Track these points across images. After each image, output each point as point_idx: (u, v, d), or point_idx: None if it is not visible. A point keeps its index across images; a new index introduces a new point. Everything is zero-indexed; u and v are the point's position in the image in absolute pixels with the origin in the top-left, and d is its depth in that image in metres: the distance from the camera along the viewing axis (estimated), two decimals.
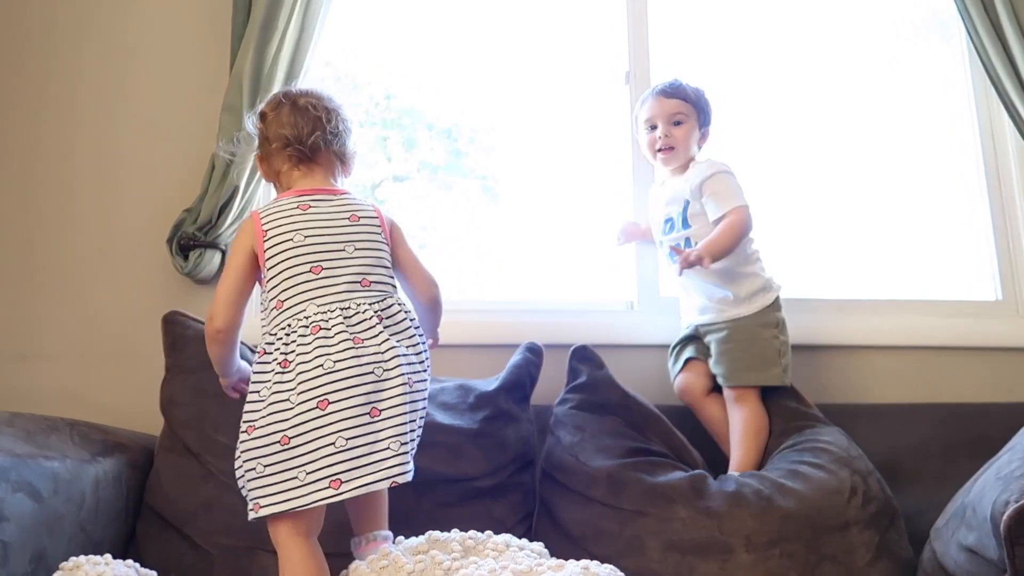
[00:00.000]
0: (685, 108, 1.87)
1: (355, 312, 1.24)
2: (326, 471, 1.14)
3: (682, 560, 1.40)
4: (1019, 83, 2.13)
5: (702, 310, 1.84)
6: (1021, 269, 2.22)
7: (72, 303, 2.01)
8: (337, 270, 1.27)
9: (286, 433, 1.16)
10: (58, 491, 1.26)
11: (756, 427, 1.70)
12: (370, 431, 1.17)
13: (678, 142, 1.86)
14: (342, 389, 1.17)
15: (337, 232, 1.30)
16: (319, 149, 1.37)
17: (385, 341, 1.23)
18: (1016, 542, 1.15)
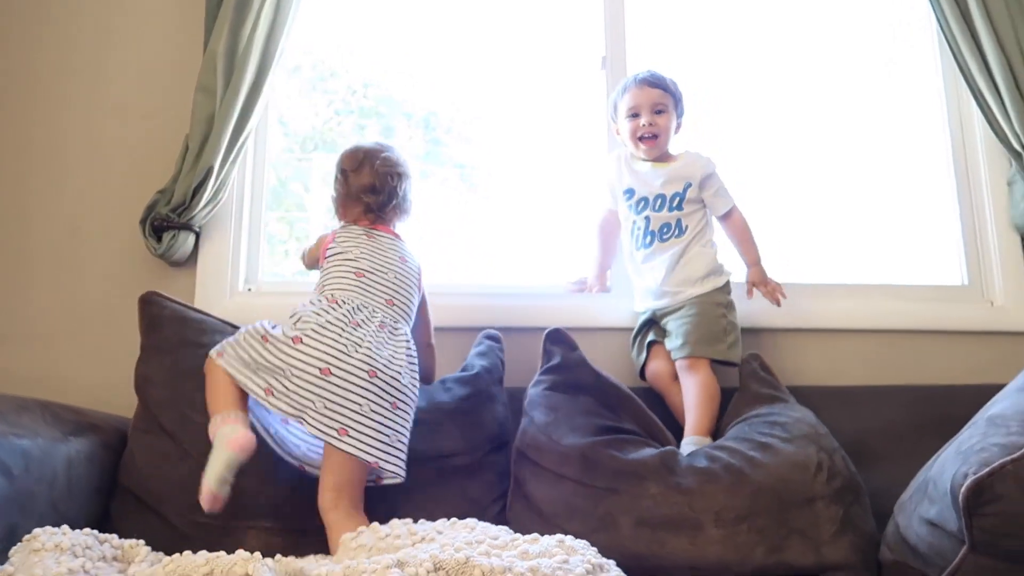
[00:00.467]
0: (666, 99, 1.96)
1: (368, 313, 1.51)
2: (269, 381, 1.40)
3: (653, 536, 1.42)
4: (988, 73, 2.17)
5: (658, 295, 1.91)
6: (987, 255, 2.27)
7: (45, 285, 2.00)
8: (376, 284, 1.56)
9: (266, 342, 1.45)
10: (29, 469, 1.26)
11: (710, 392, 1.77)
12: (313, 383, 1.39)
13: (661, 131, 1.94)
14: (317, 344, 1.42)
15: (388, 259, 1.61)
16: (388, 206, 1.66)
17: (375, 336, 1.48)
18: (974, 512, 1.18)
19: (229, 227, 2.06)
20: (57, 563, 1.06)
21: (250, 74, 1.98)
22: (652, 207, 1.93)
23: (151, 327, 1.65)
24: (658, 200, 1.93)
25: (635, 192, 1.96)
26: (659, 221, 1.92)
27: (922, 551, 1.33)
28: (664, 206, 1.93)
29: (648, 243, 1.92)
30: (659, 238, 1.92)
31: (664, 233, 1.91)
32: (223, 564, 1.04)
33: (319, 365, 1.40)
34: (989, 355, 2.14)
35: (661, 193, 1.93)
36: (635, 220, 1.95)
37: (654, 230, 1.92)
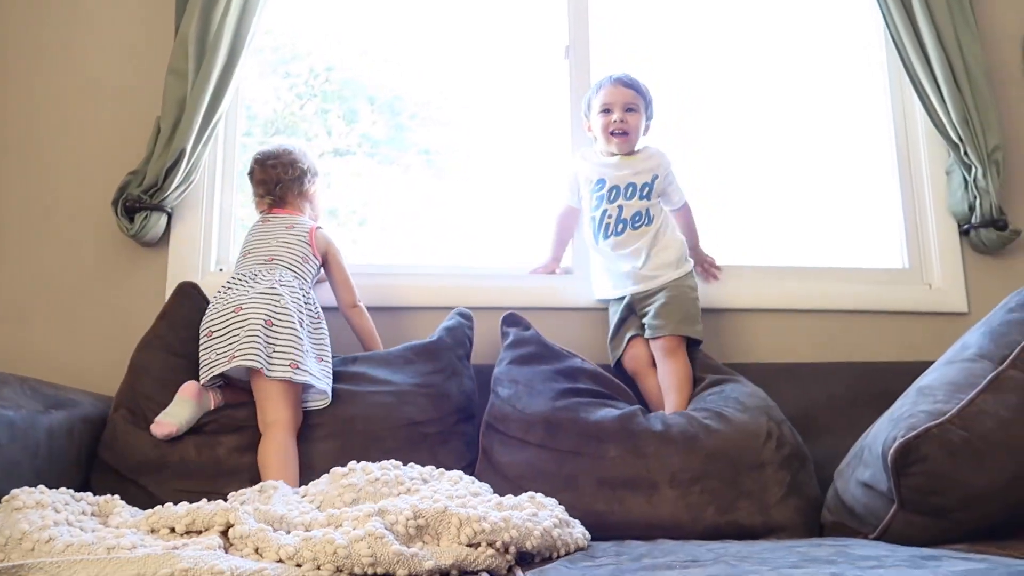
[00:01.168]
0: (638, 99, 2.07)
1: (243, 278, 1.75)
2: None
3: (613, 495, 1.52)
4: (929, 70, 2.30)
5: (636, 279, 1.99)
6: (926, 241, 2.40)
7: (17, 264, 2.01)
8: (255, 252, 1.82)
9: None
10: (15, 438, 1.30)
11: (687, 375, 1.89)
12: (207, 345, 1.67)
13: (632, 128, 2.05)
14: (207, 320, 1.70)
15: (271, 232, 1.85)
16: (276, 193, 1.91)
17: (245, 287, 1.72)
18: (902, 473, 1.30)
19: (200, 208, 2.08)
20: (41, 518, 1.09)
21: (221, 57, 2.00)
22: (624, 195, 2.02)
23: (174, 321, 1.74)
24: (629, 188, 2.03)
25: (606, 182, 2.04)
26: (631, 209, 2.01)
27: (858, 512, 1.44)
28: (635, 195, 2.02)
29: (620, 231, 2.00)
30: (631, 226, 2.00)
31: (636, 221, 2.00)
32: (204, 514, 1.10)
33: (204, 331, 1.68)
34: (926, 334, 2.27)
35: (632, 182, 2.03)
36: (606, 209, 2.03)
37: (626, 218, 2.01)
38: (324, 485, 1.34)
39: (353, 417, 1.64)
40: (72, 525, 1.11)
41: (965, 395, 1.34)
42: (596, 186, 2.06)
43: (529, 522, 1.14)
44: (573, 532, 1.24)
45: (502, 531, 1.10)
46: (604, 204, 2.03)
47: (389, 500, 1.15)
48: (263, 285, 1.71)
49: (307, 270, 1.83)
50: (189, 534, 1.10)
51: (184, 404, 1.59)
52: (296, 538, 1.04)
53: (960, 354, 1.49)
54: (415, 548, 1.05)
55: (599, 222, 2.04)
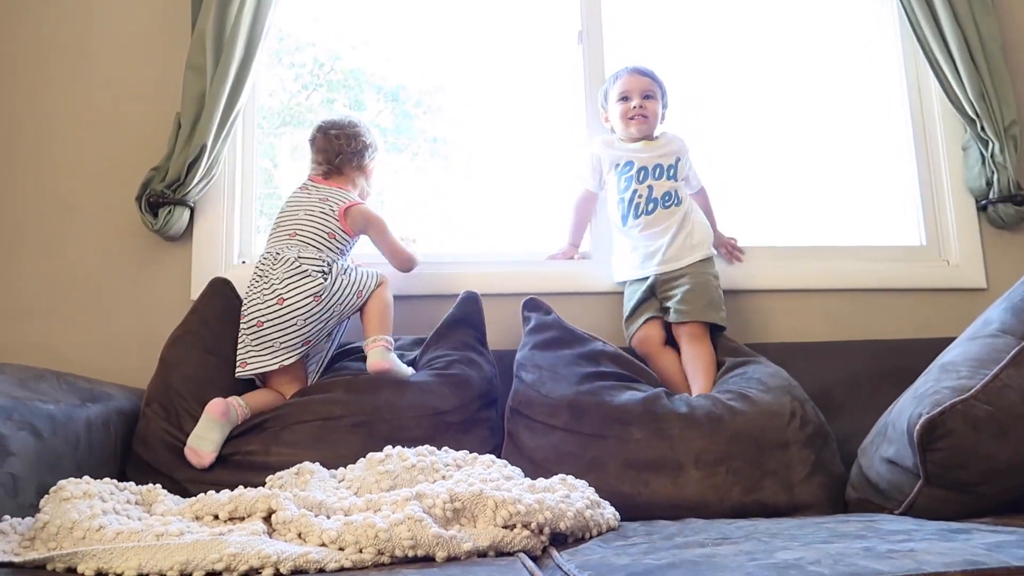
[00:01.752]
0: (655, 87, 2.13)
1: (273, 254, 1.78)
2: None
3: (638, 476, 1.54)
4: (944, 45, 2.29)
5: (662, 260, 2.01)
6: (943, 217, 2.40)
7: (42, 261, 2.04)
8: (283, 223, 1.85)
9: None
10: (56, 431, 1.34)
11: (712, 361, 1.91)
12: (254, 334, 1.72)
13: (650, 113, 2.11)
14: (249, 308, 1.76)
15: (304, 202, 1.87)
16: (324, 165, 1.94)
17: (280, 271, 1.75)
18: (927, 448, 1.31)
19: (222, 202, 2.11)
20: (90, 507, 1.13)
21: (239, 52, 2.02)
22: (653, 176, 2.06)
23: (207, 318, 1.76)
24: (657, 169, 2.07)
25: (635, 164, 2.07)
26: (662, 189, 2.05)
27: (883, 488, 1.46)
28: (663, 175, 2.06)
29: (651, 210, 2.03)
30: (662, 204, 2.04)
31: (666, 200, 2.04)
32: (247, 500, 1.13)
33: (252, 320, 1.72)
34: (945, 311, 2.27)
35: (659, 163, 2.07)
36: (636, 189, 2.05)
37: (657, 197, 2.04)
38: (360, 471, 1.37)
39: (378, 407, 1.66)
40: (119, 514, 1.14)
41: (989, 370, 1.35)
42: (624, 168, 2.09)
43: (562, 504, 1.16)
44: (604, 513, 1.27)
45: (536, 513, 1.12)
46: (634, 184, 2.06)
47: (425, 484, 1.18)
48: (293, 271, 1.73)
49: (335, 245, 1.83)
50: (232, 520, 1.13)
51: (213, 426, 1.59)
52: (338, 523, 1.06)
53: (982, 330, 1.50)
54: (453, 531, 1.08)
55: (629, 202, 2.06)
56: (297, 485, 1.37)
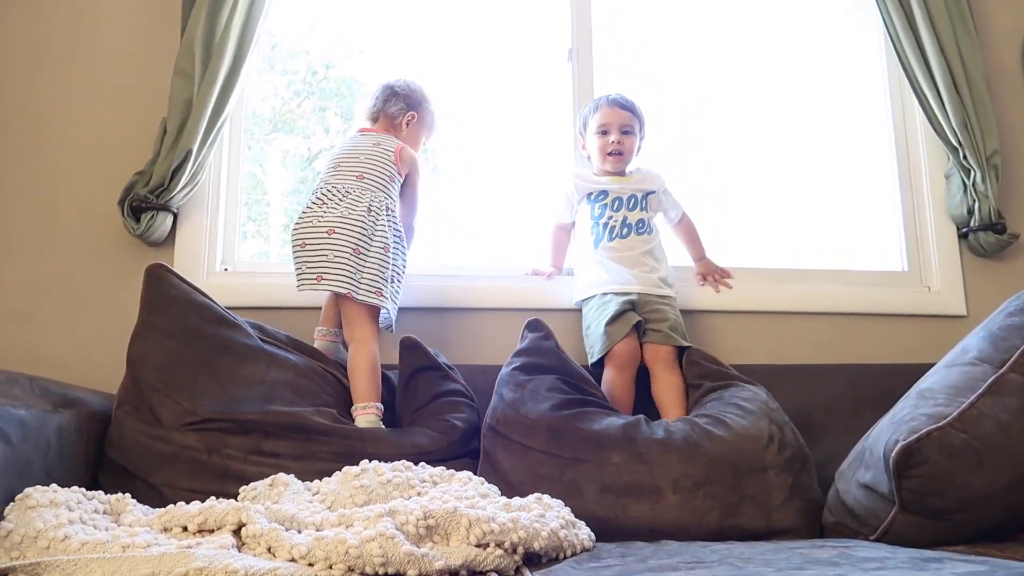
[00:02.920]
0: (633, 121, 2.15)
1: (339, 191, 1.86)
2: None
3: (616, 501, 1.53)
4: (929, 75, 2.32)
5: (642, 281, 2.03)
6: (925, 244, 2.42)
7: (23, 263, 2.02)
8: (345, 165, 1.92)
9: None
10: (26, 437, 1.31)
11: (683, 387, 1.93)
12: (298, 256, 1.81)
13: (627, 149, 2.14)
14: (297, 230, 1.84)
15: (360, 147, 1.97)
16: (370, 115, 2.10)
17: (339, 205, 1.83)
18: (903, 475, 1.32)
19: (206, 208, 2.10)
20: (55, 516, 1.10)
21: (227, 59, 2.02)
22: (627, 206, 2.10)
23: (155, 304, 1.67)
24: (631, 200, 2.11)
25: (609, 193, 2.11)
26: (635, 217, 2.09)
27: (859, 513, 1.46)
28: (637, 205, 2.11)
29: (625, 234, 2.07)
30: (635, 231, 2.08)
31: (640, 228, 2.09)
32: (217, 513, 1.12)
33: (297, 240, 1.81)
34: (925, 337, 2.29)
35: (633, 194, 2.11)
36: (611, 216, 2.08)
37: (631, 223, 2.08)
38: (335, 484, 1.35)
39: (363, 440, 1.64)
40: (86, 523, 1.12)
41: (965, 398, 1.36)
42: (599, 196, 2.12)
43: (537, 523, 1.16)
44: (579, 533, 1.26)
45: (510, 532, 1.11)
46: (608, 211, 2.09)
47: (399, 501, 1.16)
48: (357, 209, 1.82)
49: (394, 189, 1.93)
50: (201, 532, 1.11)
51: None
52: (308, 537, 1.05)
53: (960, 357, 1.51)
54: (425, 548, 1.07)
55: (604, 226, 2.08)
56: (270, 497, 1.35)
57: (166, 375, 1.61)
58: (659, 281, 2.06)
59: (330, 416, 1.66)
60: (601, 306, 2.01)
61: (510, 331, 1.95)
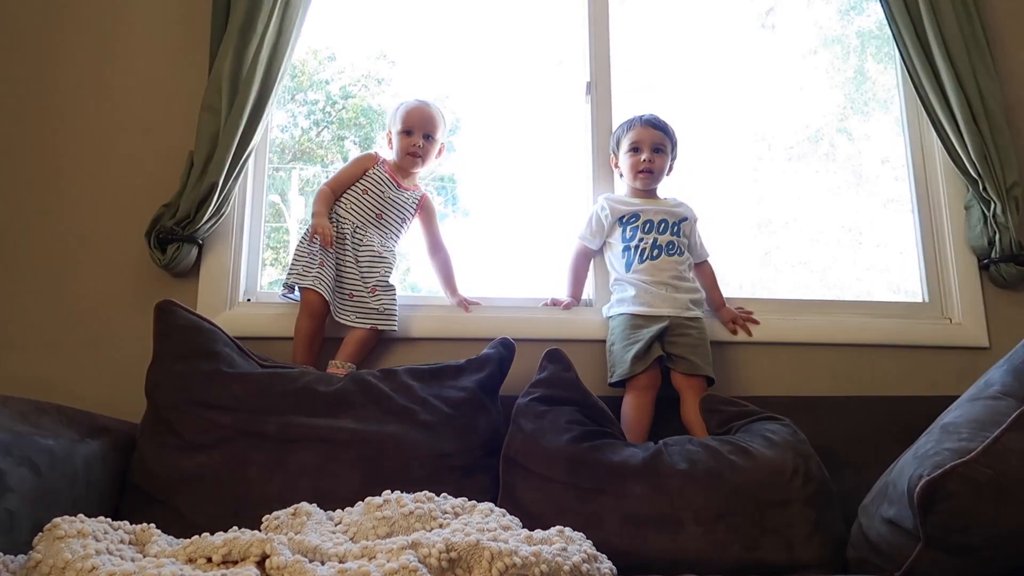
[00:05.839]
0: (665, 141, 2.19)
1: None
2: None
3: (637, 532, 1.52)
4: (947, 106, 2.33)
5: (672, 304, 2.06)
6: (946, 275, 2.41)
7: (52, 293, 2.06)
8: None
9: None
10: (54, 467, 1.33)
11: None
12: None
13: (657, 168, 2.18)
14: None
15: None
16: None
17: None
18: (928, 511, 1.30)
19: (230, 240, 2.13)
20: (83, 547, 1.11)
21: (254, 94, 2.06)
22: (657, 230, 2.13)
23: (165, 335, 1.73)
24: (662, 224, 2.14)
25: (640, 216, 2.14)
26: (666, 240, 2.12)
27: (883, 548, 1.44)
28: (667, 230, 2.13)
29: (655, 256, 2.10)
30: (666, 252, 2.11)
31: (670, 249, 2.11)
32: (241, 544, 1.12)
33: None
34: (947, 369, 2.27)
35: (664, 219, 2.14)
36: (642, 238, 2.11)
37: (662, 245, 2.11)
38: (358, 515, 1.36)
39: (383, 442, 1.65)
40: (112, 554, 1.13)
41: (990, 433, 1.34)
42: (630, 219, 2.14)
43: (559, 557, 1.15)
44: (601, 567, 1.25)
45: (533, 566, 1.11)
46: (640, 234, 2.12)
47: (422, 533, 1.17)
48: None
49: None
50: (226, 564, 1.12)
51: None
52: (332, 570, 1.05)
53: (983, 391, 1.50)
54: None
55: (635, 250, 2.11)
56: (293, 527, 1.36)
57: (181, 391, 1.66)
58: (689, 303, 2.08)
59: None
60: (629, 332, 2.03)
61: (527, 361, 1.95)
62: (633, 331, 2.02)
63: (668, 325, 2.02)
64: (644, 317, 2.04)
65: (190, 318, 1.77)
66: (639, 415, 1.94)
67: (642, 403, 1.96)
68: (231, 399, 1.66)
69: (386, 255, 2.08)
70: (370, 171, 2.13)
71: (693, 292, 2.12)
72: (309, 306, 1.98)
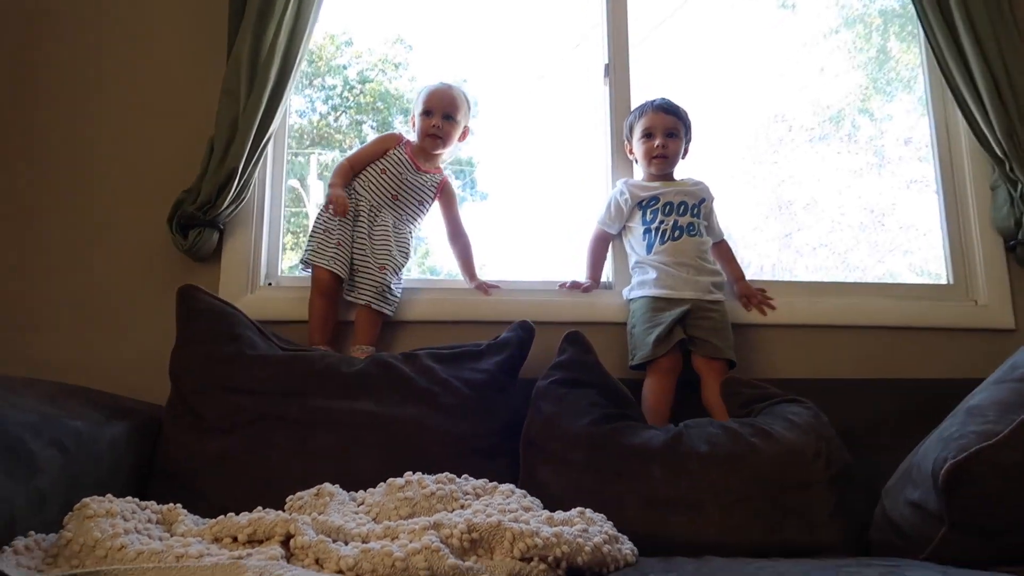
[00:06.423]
0: (679, 125, 2.17)
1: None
2: None
3: (657, 515, 1.52)
4: (972, 84, 2.28)
5: (694, 287, 2.04)
6: (971, 256, 2.38)
7: (76, 278, 2.08)
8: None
9: None
10: (81, 448, 1.35)
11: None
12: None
13: (671, 153, 2.17)
14: None
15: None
16: None
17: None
18: (953, 494, 1.29)
19: (251, 225, 2.14)
20: (112, 526, 1.13)
21: (273, 78, 2.06)
22: (677, 211, 2.11)
23: (188, 319, 1.74)
24: (682, 206, 2.12)
25: (660, 199, 2.13)
26: (687, 221, 2.11)
27: (906, 531, 1.43)
28: (688, 211, 2.12)
29: (677, 237, 2.09)
30: (687, 233, 2.10)
31: (691, 230, 2.10)
32: (266, 524, 1.14)
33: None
34: (972, 351, 2.24)
35: (684, 200, 2.13)
36: (663, 220, 2.10)
37: (682, 226, 2.10)
38: (380, 496, 1.37)
39: (405, 424, 1.66)
40: (140, 533, 1.15)
41: (1016, 416, 1.32)
42: (650, 202, 2.14)
43: (580, 538, 1.16)
44: (622, 548, 1.26)
45: (554, 547, 1.12)
46: (661, 216, 2.11)
47: (444, 514, 1.18)
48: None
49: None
50: (251, 543, 1.13)
51: None
52: (355, 549, 1.07)
53: (1010, 374, 1.48)
54: (470, 562, 1.08)
55: (656, 231, 2.10)
56: (316, 507, 1.37)
57: (204, 375, 1.68)
58: (711, 286, 2.07)
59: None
60: (651, 315, 2.02)
61: (547, 344, 1.95)
62: (655, 314, 2.01)
63: (690, 308, 2.01)
64: (666, 300, 2.03)
65: (212, 302, 1.79)
66: (660, 398, 1.94)
67: (663, 386, 1.95)
68: (254, 382, 1.68)
69: (400, 237, 2.07)
70: (391, 151, 2.12)
71: (715, 275, 2.11)
72: (319, 284, 1.99)
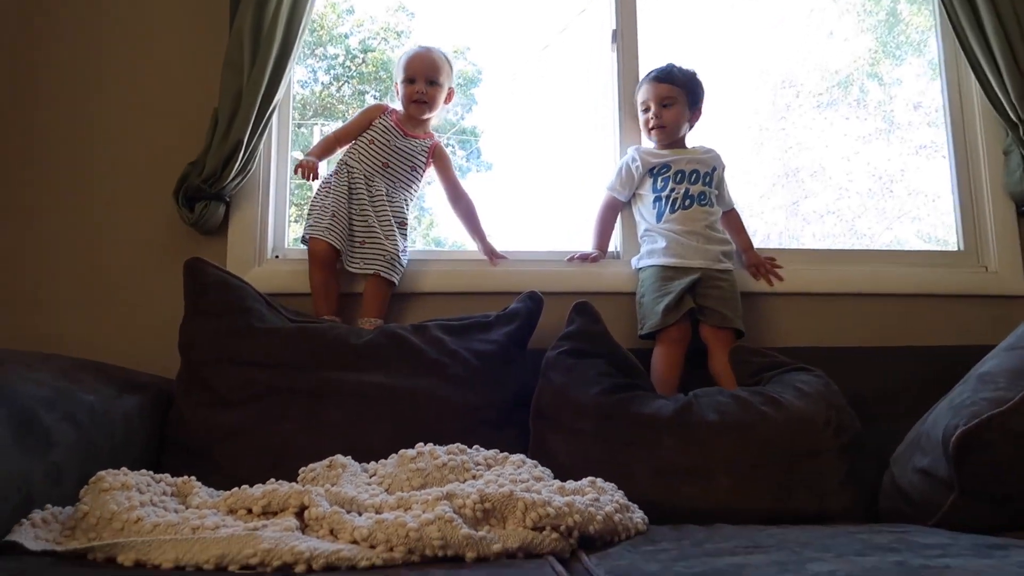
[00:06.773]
0: (674, 92, 2.13)
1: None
2: None
3: (668, 484, 1.53)
4: (986, 46, 2.24)
5: (703, 255, 2.03)
6: (982, 222, 2.35)
7: (83, 253, 2.09)
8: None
9: None
10: (95, 422, 1.36)
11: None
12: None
13: (667, 122, 2.14)
14: None
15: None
16: None
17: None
18: (963, 460, 1.29)
19: (257, 197, 2.13)
20: (127, 499, 1.15)
21: (275, 50, 2.03)
22: (689, 180, 2.10)
23: (195, 292, 1.74)
24: (694, 174, 2.11)
25: (671, 167, 2.11)
26: (698, 190, 2.09)
27: (915, 498, 1.44)
28: (699, 180, 2.10)
29: (688, 205, 2.08)
30: (698, 202, 2.09)
31: (702, 199, 2.09)
32: (280, 496, 1.15)
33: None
34: (983, 318, 2.23)
35: (696, 169, 2.11)
36: (674, 188, 2.09)
37: (693, 195, 2.09)
38: (392, 467, 1.38)
39: (415, 396, 1.67)
40: (156, 505, 1.17)
41: None
42: (661, 169, 2.12)
43: (592, 507, 1.17)
44: (633, 517, 1.27)
45: (566, 516, 1.13)
46: (672, 183, 2.10)
47: (456, 484, 1.18)
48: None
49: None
50: (266, 515, 1.15)
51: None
52: (369, 520, 1.07)
53: (1021, 340, 1.48)
54: (482, 532, 1.08)
55: (667, 199, 2.09)
56: (329, 479, 1.38)
57: (214, 348, 1.68)
58: (720, 255, 2.06)
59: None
60: (660, 284, 2.01)
61: (556, 315, 1.95)
62: (664, 283, 2.00)
63: (700, 277, 2.00)
64: (675, 269, 2.02)
65: (220, 275, 1.79)
66: (669, 367, 1.94)
67: (672, 355, 1.95)
68: (264, 354, 1.68)
69: (395, 205, 2.07)
70: (376, 121, 2.11)
71: (724, 244, 2.10)
72: (315, 256, 1.99)
